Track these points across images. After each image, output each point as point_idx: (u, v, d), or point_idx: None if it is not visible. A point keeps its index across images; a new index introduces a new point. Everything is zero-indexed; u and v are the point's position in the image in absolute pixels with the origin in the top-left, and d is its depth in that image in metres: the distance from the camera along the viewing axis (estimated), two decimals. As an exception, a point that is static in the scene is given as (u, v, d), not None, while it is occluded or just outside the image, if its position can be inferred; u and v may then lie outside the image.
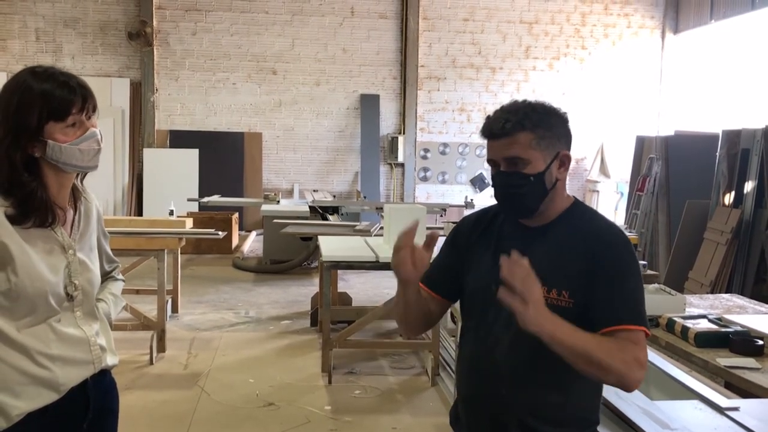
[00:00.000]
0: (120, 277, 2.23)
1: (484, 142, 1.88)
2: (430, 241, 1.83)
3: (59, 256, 1.89)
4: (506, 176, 1.81)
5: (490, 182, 1.89)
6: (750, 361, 2.94)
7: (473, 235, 1.97)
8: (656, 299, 3.75)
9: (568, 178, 1.96)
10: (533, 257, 1.81)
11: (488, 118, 1.83)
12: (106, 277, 2.16)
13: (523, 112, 1.79)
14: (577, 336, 1.65)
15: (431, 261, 2.06)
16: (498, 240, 1.91)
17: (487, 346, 1.86)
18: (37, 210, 1.83)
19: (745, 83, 11.05)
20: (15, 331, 1.81)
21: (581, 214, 1.88)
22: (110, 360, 2.02)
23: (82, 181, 2.03)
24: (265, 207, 9.65)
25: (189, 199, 10.69)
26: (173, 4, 12.54)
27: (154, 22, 12.42)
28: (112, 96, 12.30)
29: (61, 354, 1.87)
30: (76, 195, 2.00)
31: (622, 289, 1.75)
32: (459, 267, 1.97)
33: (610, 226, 1.86)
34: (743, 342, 3.10)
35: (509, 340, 1.82)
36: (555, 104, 1.89)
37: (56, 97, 1.81)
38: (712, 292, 6.72)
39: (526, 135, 1.77)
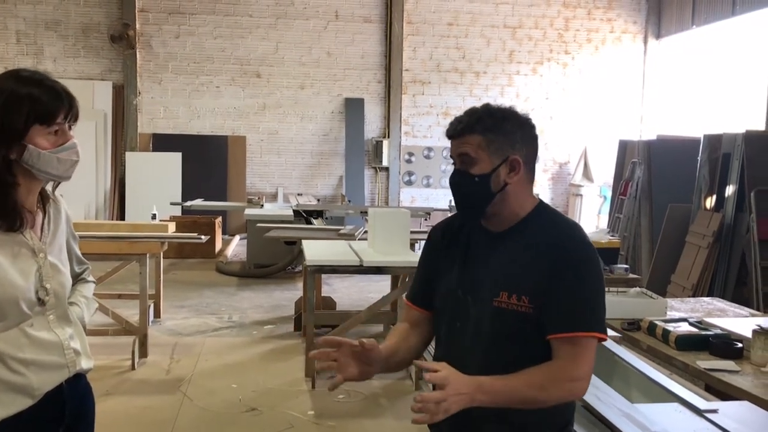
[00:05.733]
0: (90, 278, 2.21)
1: None
2: (366, 347, 1.81)
3: (29, 260, 1.87)
4: (457, 174, 1.87)
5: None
6: (729, 364, 2.97)
7: (443, 243, 2.00)
8: (638, 303, 3.78)
9: (551, 182, 1.98)
10: (495, 262, 1.84)
11: (452, 120, 1.90)
12: (77, 279, 2.14)
13: (477, 116, 1.84)
14: (502, 387, 1.69)
15: (414, 277, 2.10)
16: (466, 246, 1.93)
17: (457, 353, 1.87)
18: (7, 214, 1.81)
19: (726, 88, 11.17)
20: None
21: (543, 218, 1.89)
22: (85, 364, 2.00)
23: (54, 191, 2.00)
24: (249, 211, 9.61)
25: (172, 203, 10.62)
26: (156, 6, 12.47)
27: (137, 25, 12.35)
28: (94, 99, 12.20)
29: (34, 358, 1.85)
30: (44, 198, 1.97)
31: (575, 294, 1.76)
32: (433, 278, 1.99)
33: (571, 229, 1.86)
34: (723, 345, 3.13)
35: (478, 346, 1.84)
36: (525, 110, 1.91)
37: (44, 101, 1.80)
38: (694, 296, 6.78)
39: (476, 137, 1.82)
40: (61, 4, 12.27)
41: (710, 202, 7.42)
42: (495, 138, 1.82)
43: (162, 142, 12.56)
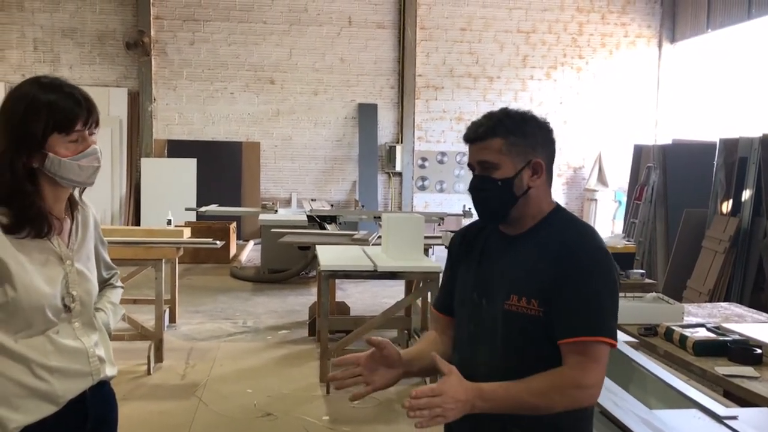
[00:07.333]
0: (119, 284, 2.22)
1: None
2: (378, 345, 1.84)
3: (56, 267, 1.88)
4: (477, 179, 1.85)
5: None
6: (748, 370, 2.93)
7: (462, 249, 2.00)
8: (654, 308, 3.75)
9: (565, 186, 1.96)
10: (508, 265, 1.83)
11: (469, 125, 1.88)
12: (105, 284, 2.15)
13: (497, 118, 1.83)
14: (503, 394, 1.69)
15: (440, 286, 2.11)
16: (482, 250, 1.93)
17: (473, 356, 1.86)
18: (33, 221, 1.81)
19: (742, 92, 11.09)
20: (12, 342, 1.80)
21: (558, 221, 1.86)
22: (109, 371, 2.01)
23: (81, 196, 2.02)
24: (263, 216, 9.64)
25: (187, 209, 10.68)
26: (171, 14, 12.57)
27: (152, 32, 12.44)
28: (110, 106, 12.31)
29: (59, 366, 1.86)
30: (72, 205, 1.98)
31: (584, 298, 1.73)
32: (454, 282, 2.00)
33: (584, 233, 1.83)
34: (742, 351, 3.09)
35: (491, 349, 1.83)
36: (540, 114, 1.89)
37: (62, 108, 1.80)
38: (710, 301, 6.71)
39: (497, 141, 1.80)
40: (78, 12, 12.39)
41: (726, 206, 7.36)
42: (516, 141, 1.80)
43: (177, 148, 12.64)
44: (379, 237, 6.59)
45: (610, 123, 13.40)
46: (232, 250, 10.75)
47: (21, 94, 1.82)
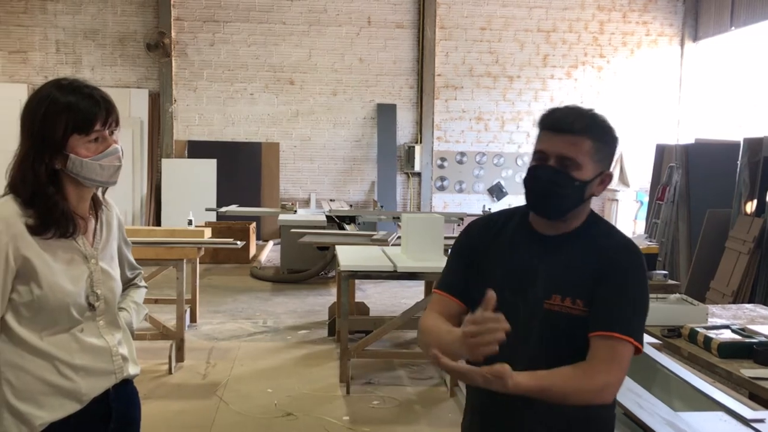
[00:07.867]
0: (143, 284, 2.23)
1: (502, 150, 1.88)
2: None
3: (81, 266, 1.90)
4: (552, 171, 1.78)
5: (526, 175, 1.85)
6: (775, 373, 2.89)
7: (484, 242, 1.94)
8: (678, 309, 3.70)
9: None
10: (548, 267, 1.81)
11: (553, 111, 1.82)
12: (129, 284, 2.17)
13: (592, 119, 1.80)
14: (528, 377, 1.66)
15: (448, 267, 2.03)
16: (510, 248, 1.88)
17: (503, 352, 1.84)
18: (57, 221, 1.84)
19: (766, 90, 10.93)
20: (38, 340, 1.82)
21: (598, 227, 1.89)
22: (132, 370, 2.03)
23: (103, 195, 2.04)
24: (283, 217, 9.67)
25: (207, 209, 10.74)
26: (191, 15, 12.65)
27: (173, 34, 12.53)
28: (130, 107, 12.41)
29: (84, 364, 1.88)
30: (96, 204, 2.00)
31: (620, 299, 1.75)
32: (471, 273, 1.94)
33: (626, 241, 1.86)
34: (768, 353, 3.05)
35: (525, 348, 1.81)
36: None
37: (81, 109, 1.82)
38: (734, 302, 6.63)
39: (588, 141, 1.78)
40: (99, 14, 12.51)
41: (750, 206, 7.27)
42: (601, 147, 1.80)
43: (197, 149, 12.72)
44: (399, 237, 6.59)
45: (631, 122, 13.27)
46: (252, 251, 10.79)
47: (41, 96, 1.85)
